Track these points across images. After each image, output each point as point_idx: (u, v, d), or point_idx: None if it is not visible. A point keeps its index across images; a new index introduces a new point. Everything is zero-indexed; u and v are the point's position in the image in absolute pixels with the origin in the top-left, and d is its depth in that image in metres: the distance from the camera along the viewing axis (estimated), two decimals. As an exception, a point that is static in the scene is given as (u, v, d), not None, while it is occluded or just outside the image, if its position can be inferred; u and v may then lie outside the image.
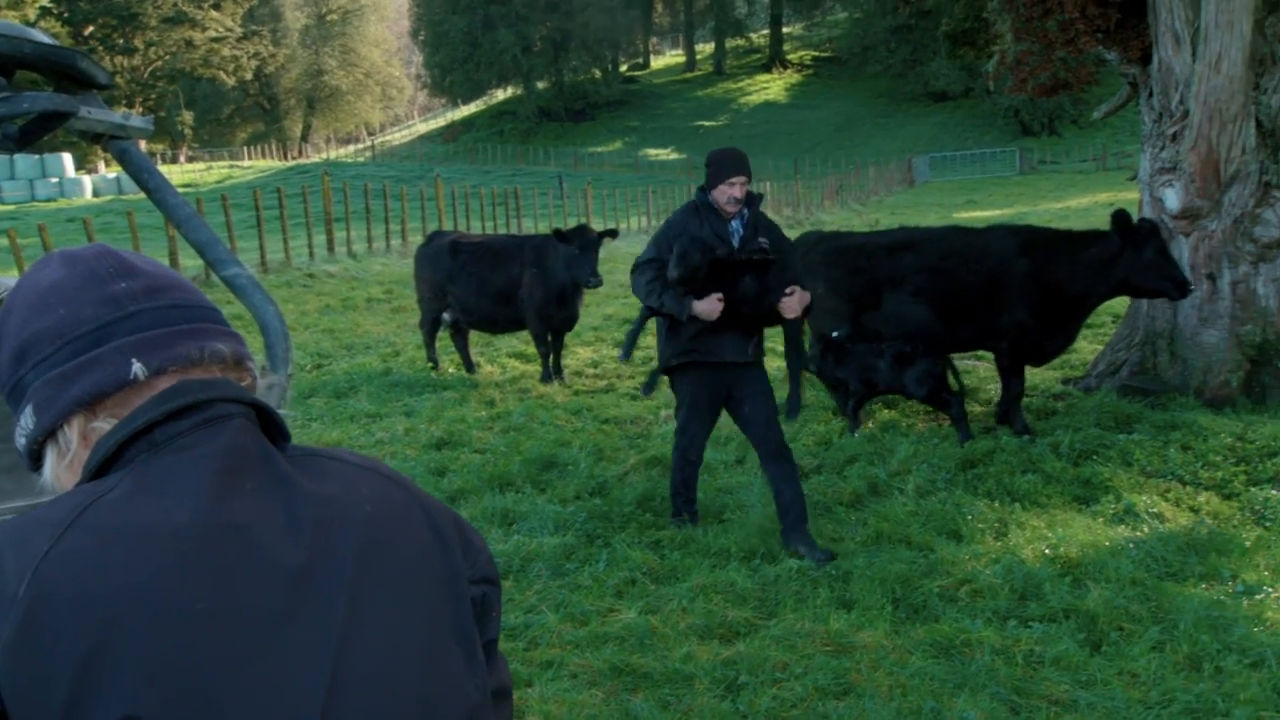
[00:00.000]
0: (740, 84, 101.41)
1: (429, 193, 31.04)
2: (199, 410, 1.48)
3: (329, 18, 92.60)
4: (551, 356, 12.83)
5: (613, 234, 12.79)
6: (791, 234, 9.24)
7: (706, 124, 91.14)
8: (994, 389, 11.18)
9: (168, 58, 77.63)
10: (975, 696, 4.97)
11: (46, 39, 2.95)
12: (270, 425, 1.58)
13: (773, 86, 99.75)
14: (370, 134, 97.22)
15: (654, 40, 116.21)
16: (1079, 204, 42.24)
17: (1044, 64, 11.24)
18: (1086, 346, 13.16)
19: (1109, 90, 12.53)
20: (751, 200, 7.12)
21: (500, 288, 12.68)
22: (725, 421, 7.68)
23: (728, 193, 6.90)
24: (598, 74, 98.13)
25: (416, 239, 28.11)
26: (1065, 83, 11.49)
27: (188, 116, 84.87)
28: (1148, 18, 10.33)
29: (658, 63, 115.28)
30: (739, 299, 6.76)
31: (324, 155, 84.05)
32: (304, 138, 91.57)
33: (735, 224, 7.07)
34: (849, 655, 5.54)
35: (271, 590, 1.39)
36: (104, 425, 1.49)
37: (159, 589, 1.33)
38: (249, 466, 1.47)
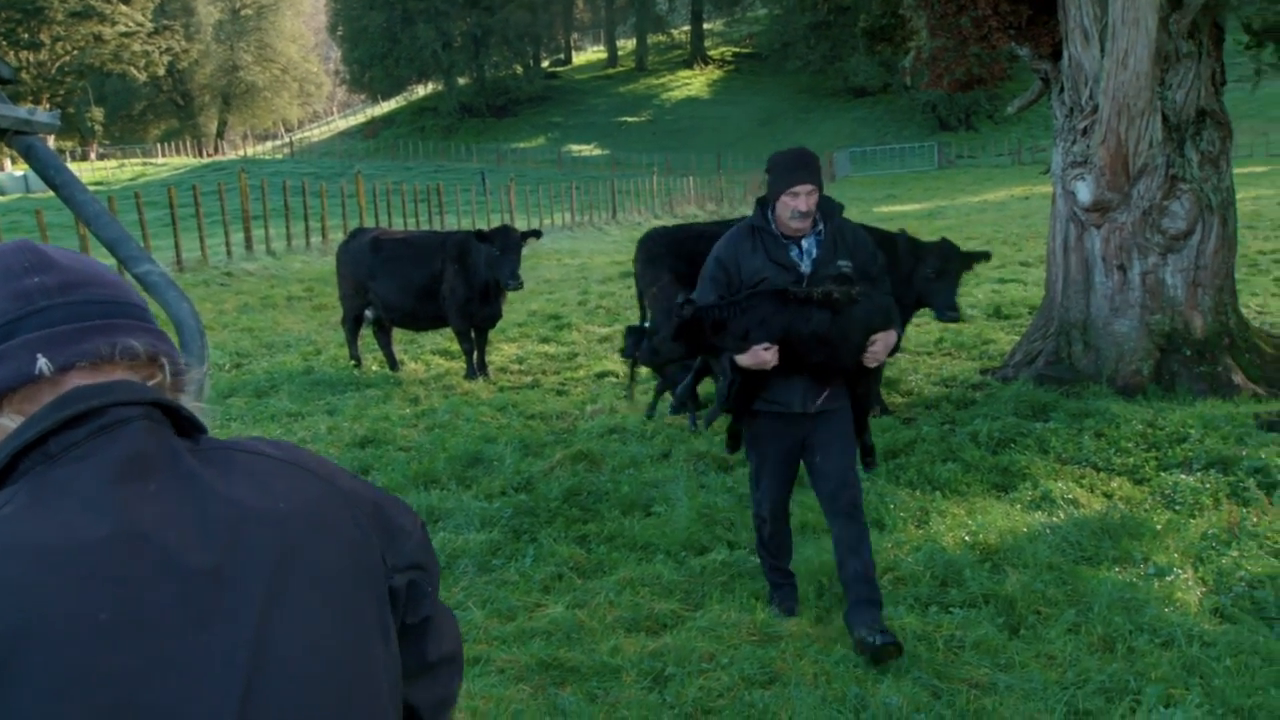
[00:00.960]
0: (662, 80, 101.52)
1: (350, 190, 30.70)
2: (95, 417, 1.43)
3: (243, 12, 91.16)
4: (476, 353, 12.78)
5: (536, 234, 12.76)
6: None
7: (630, 120, 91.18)
8: (914, 379, 11.34)
9: (76, 52, 75.94)
10: (898, 682, 5.04)
11: None
12: (181, 421, 1.54)
13: (695, 82, 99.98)
14: (288, 131, 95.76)
15: (575, 36, 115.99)
16: (995, 198, 42.89)
17: (959, 60, 11.41)
18: (1004, 337, 13.36)
19: (1022, 86, 12.73)
20: (828, 211, 5.63)
21: (422, 284, 12.60)
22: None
23: (790, 205, 5.42)
24: (519, 70, 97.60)
25: (337, 236, 27.81)
26: (980, 78, 11.67)
27: (98, 113, 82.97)
28: (1058, 14, 10.52)
29: (580, 59, 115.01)
30: (805, 344, 5.36)
31: (240, 152, 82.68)
32: (220, 135, 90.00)
33: (809, 243, 5.56)
34: (774, 645, 5.59)
35: (180, 596, 1.35)
36: (9, 422, 1.45)
37: (61, 604, 1.29)
38: (151, 470, 1.43)
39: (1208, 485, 7.52)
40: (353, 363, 13.44)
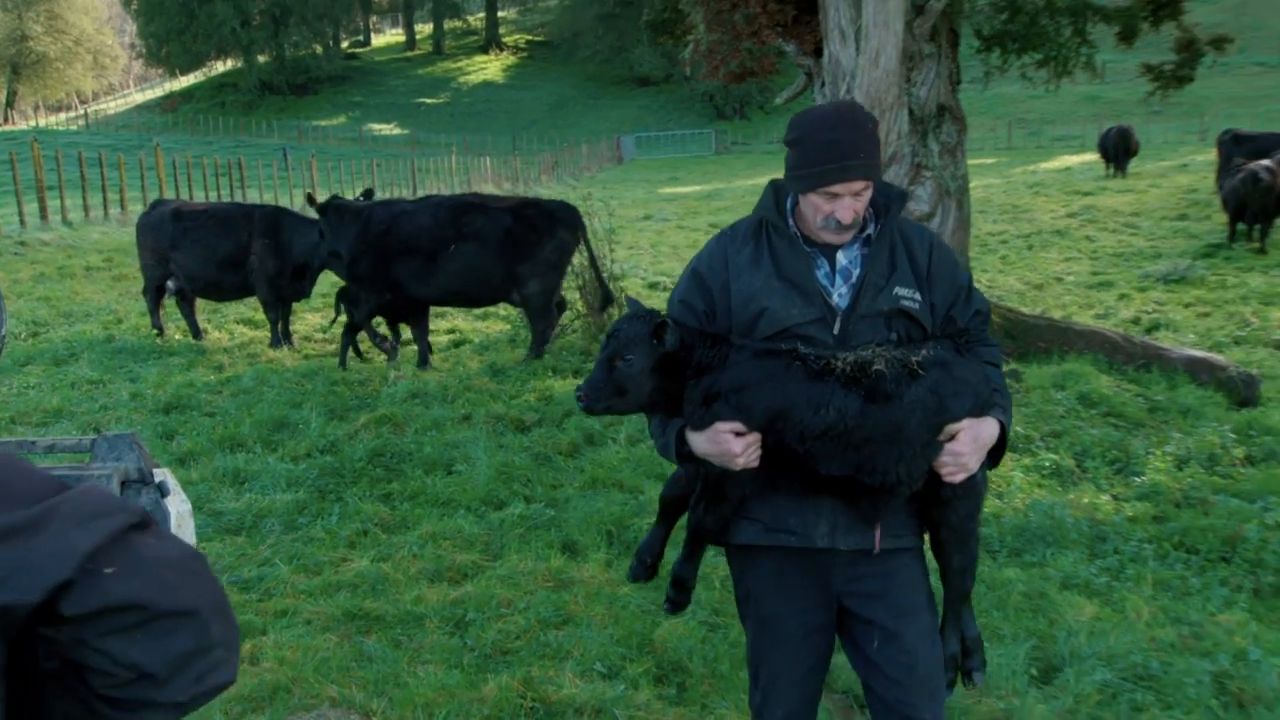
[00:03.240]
0: (460, 64, 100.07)
1: (149, 162, 29.29)
2: None
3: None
4: (280, 323, 12.50)
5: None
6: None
7: (428, 101, 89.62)
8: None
9: None
10: (680, 621, 5.20)
11: None
12: None
13: (490, 67, 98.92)
14: (83, 103, 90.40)
15: (374, 19, 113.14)
16: (768, 180, 43.86)
17: (733, 53, 11.66)
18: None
19: (789, 79, 13.09)
20: (885, 202, 3.16)
21: (226, 255, 12.23)
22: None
23: (823, 210, 3.01)
24: (319, 49, 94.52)
25: (137, 208, 26.43)
26: (751, 71, 11.94)
27: None
28: (819, 15, 10.86)
29: (379, 41, 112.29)
30: (818, 445, 2.92)
31: (32, 123, 77.53)
32: (9, 104, 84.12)
33: (849, 255, 3.12)
34: (568, 590, 5.71)
35: None
36: None
37: None
38: None
39: (947, 437, 7.95)
40: (155, 331, 12.95)
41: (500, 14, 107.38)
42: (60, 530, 1.30)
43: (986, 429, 2.96)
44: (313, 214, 12.05)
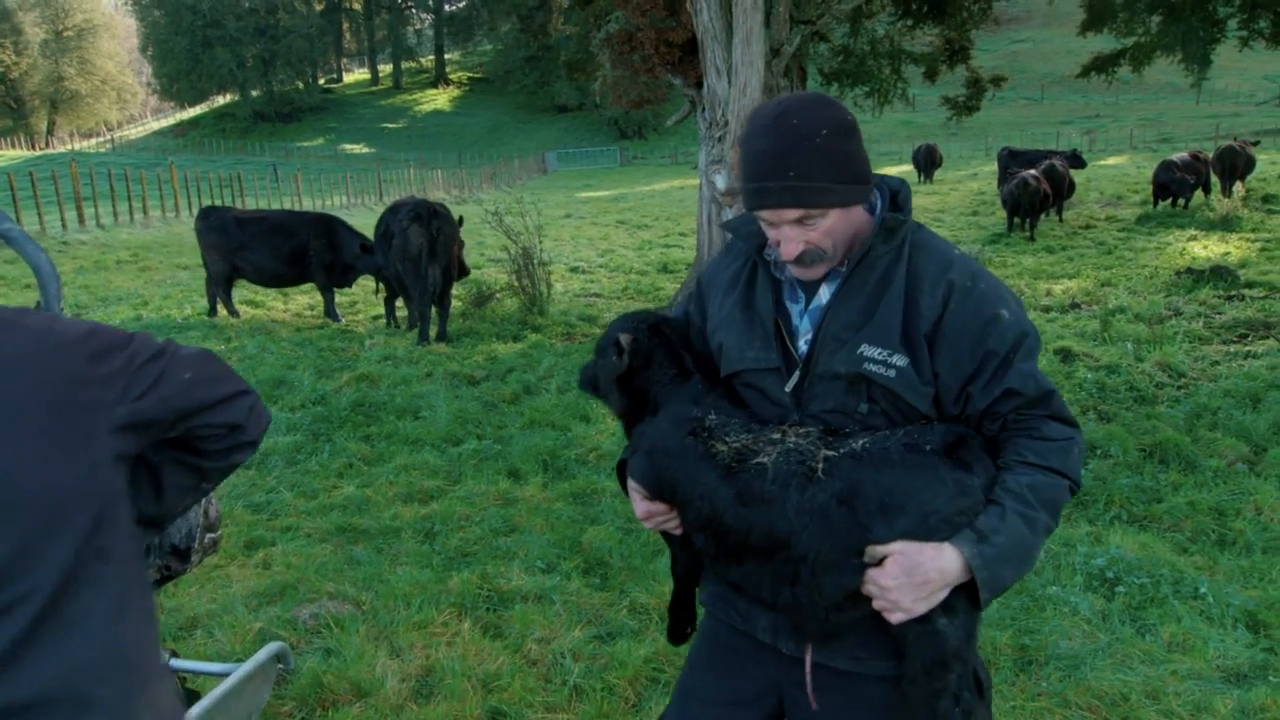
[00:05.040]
0: (415, 96, 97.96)
1: (165, 177, 28.26)
2: None
3: (65, 34, 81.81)
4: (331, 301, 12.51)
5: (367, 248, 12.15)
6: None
7: (390, 125, 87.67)
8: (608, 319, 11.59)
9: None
10: (602, 527, 5.25)
11: None
12: None
13: (439, 98, 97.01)
14: (109, 130, 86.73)
15: (345, 60, 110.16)
16: (662, 187, 43.86)
17: (632, 86, 11.64)
18: (670, 286, 13.82)
19: (676, 106, 13.09)
20: (891, 225, 1.78)
21: (290, 252, 12.15)
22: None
23: (771, 239, 1.82)
24: (301, 85, 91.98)
25: (157, 213, 25.68)
26: (647, 99, 11.95)
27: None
28: (699, 56, 10.88)
29: (349, 78, 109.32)
30: (707, 534, 1.83)
31: (69, 147, 74.25)
32: (49, 132, 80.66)
33: (829, 290, 1.85)
34: (514, 506, 5.71)
35: None
36: None
37: None
38: None
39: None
40: (230, 315, 12.53)
41: (447, 55, 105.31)
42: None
43: (929, 561, 1.63)
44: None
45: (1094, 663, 3.68)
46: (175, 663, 2.37)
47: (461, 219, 11.19)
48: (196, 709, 2.02)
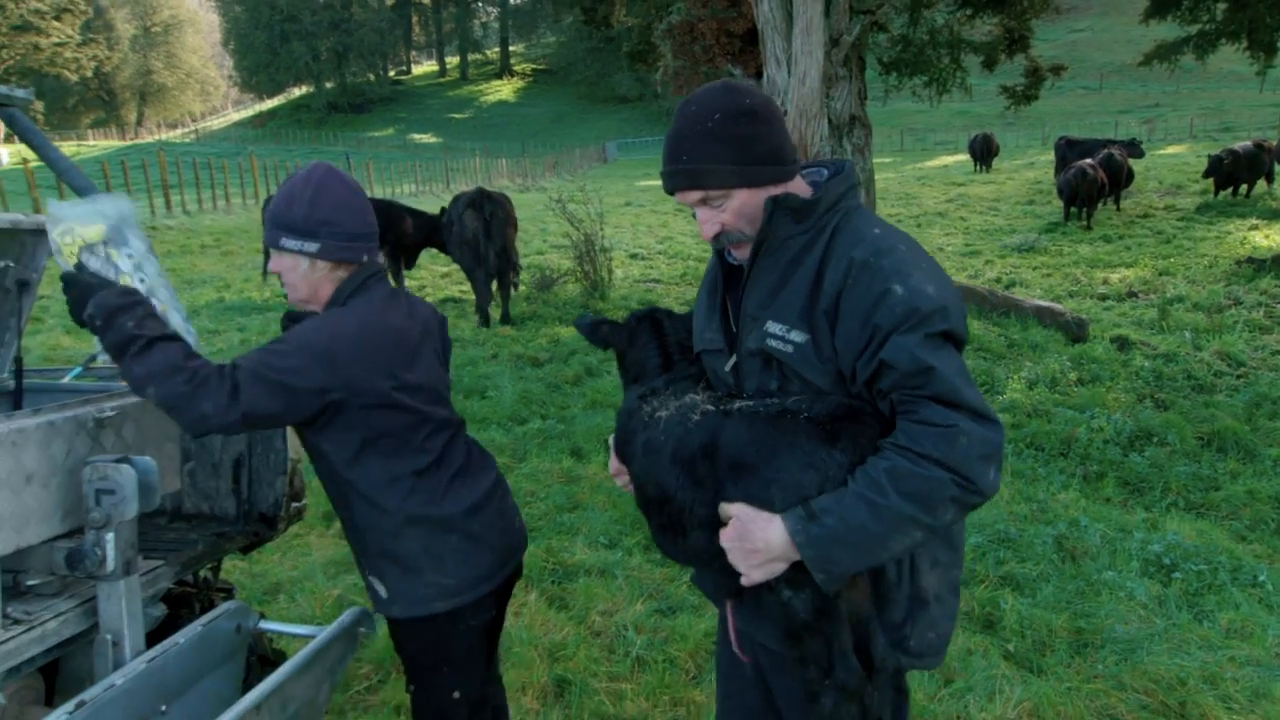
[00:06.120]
0: (480, 87, 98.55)
1: (245, 165, 28.85)
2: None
3: (153, 29, 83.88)
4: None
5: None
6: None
7: (457, 116, 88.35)
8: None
9: (19, 58, 68.38)
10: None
11: None
12: None
13: (504, 89, 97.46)
14: (193, 120, 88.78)
15: (414, 53, 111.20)
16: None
17: (693, 76, 11.56)
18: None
19: (736, 96, 12.95)
20: (772, 209, 1.73)
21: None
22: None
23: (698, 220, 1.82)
24: (372, 77, 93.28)
25: (238, 200, 26.22)
26: (707, 90, 11.85)
27: (39, 105, 75.09)
28: (760, 46, 10.77)
29: (418, 70, 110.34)
30: (642, 474, 1.84)
31: (156, 137, 76.20)
32: (138, 123, 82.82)
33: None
34: (577, 483, 5.75)
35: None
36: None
37: None
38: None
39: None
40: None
41: (511, 48, 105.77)
42: None
43: (759, 530, 1.57)
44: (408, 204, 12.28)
45: (1150, 647, 3.61)
46: (264, 624, 2.44)
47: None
48: (286, 667, 2.09)
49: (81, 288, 2.01)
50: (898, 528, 1.53)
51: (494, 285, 10.80)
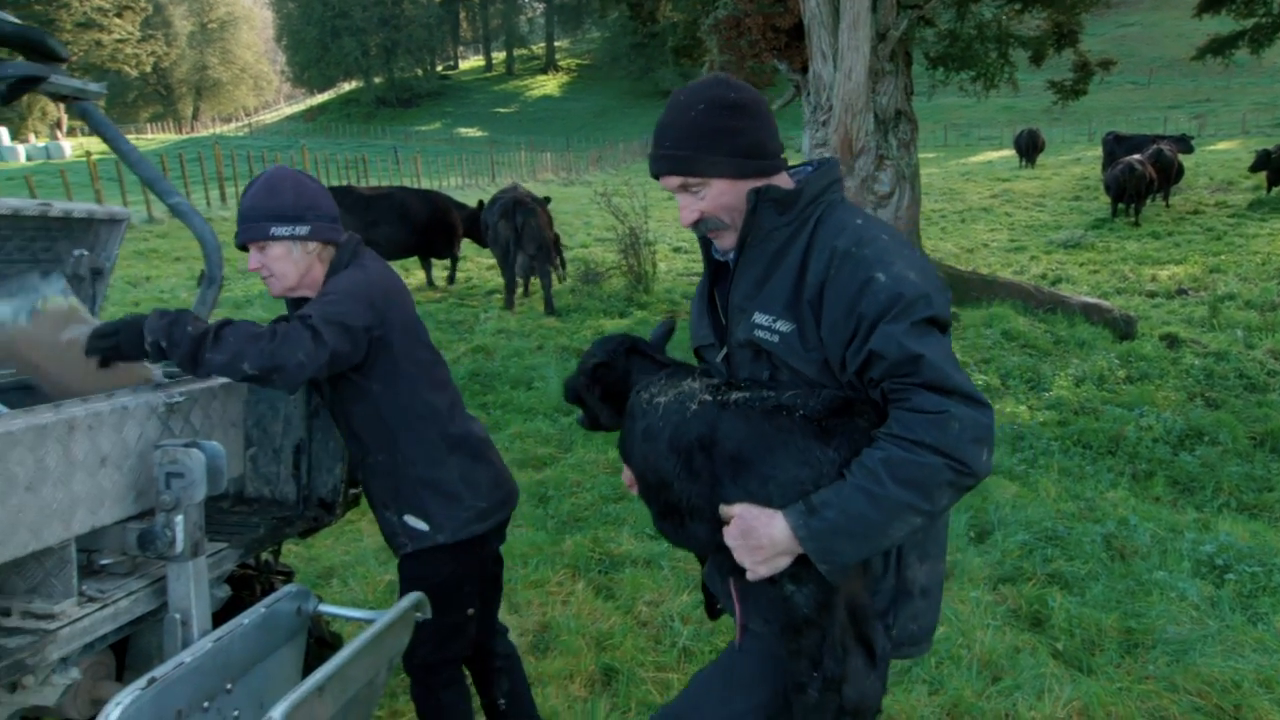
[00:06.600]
0: (526, 82, 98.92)
1: (297, 158, 29.28)
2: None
3: (210, 26, 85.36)
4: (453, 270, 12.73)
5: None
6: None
7: (503, 110, 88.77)
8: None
9: (82, 54, 69.98)
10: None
11: (18, 21, 2.72)
12: None
13: (549, 84, 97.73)
14: (247, 115, 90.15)
15: (461, 48, 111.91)
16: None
17: (739, 70, 11.49)
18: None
19: (781, 90, 12.89)
20: (755, 201, 1.75)
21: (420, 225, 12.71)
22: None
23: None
24: (420, 72, 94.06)
25: (290, 193, 26.53)
26: (754, 84, 11.75)
27: (99, 100, 76.74)
28: (806, 41, 10.68)
29: (465, 65, 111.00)
30: (641, 461, 1.82)
31: (211, 131, 77.51)
32: (194, 117, 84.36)
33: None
34: (622, 474, 5.74)
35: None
36: None
37: None
38: None
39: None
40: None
41: (556, 43, 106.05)
42: None
43: (762, 527, 1.58)
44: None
45: (1203, 649, 3.54)
46: (323, 607, 2.47)
47: (548, 198, 11.73)
48: (347, 649, 2.11)
49: (122, 330, 2.11)
50: (897, 515, 1.54)
51: (532, 278, 11.54)
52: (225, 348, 2.06)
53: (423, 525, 2.49)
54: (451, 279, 13.34)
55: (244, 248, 2.49)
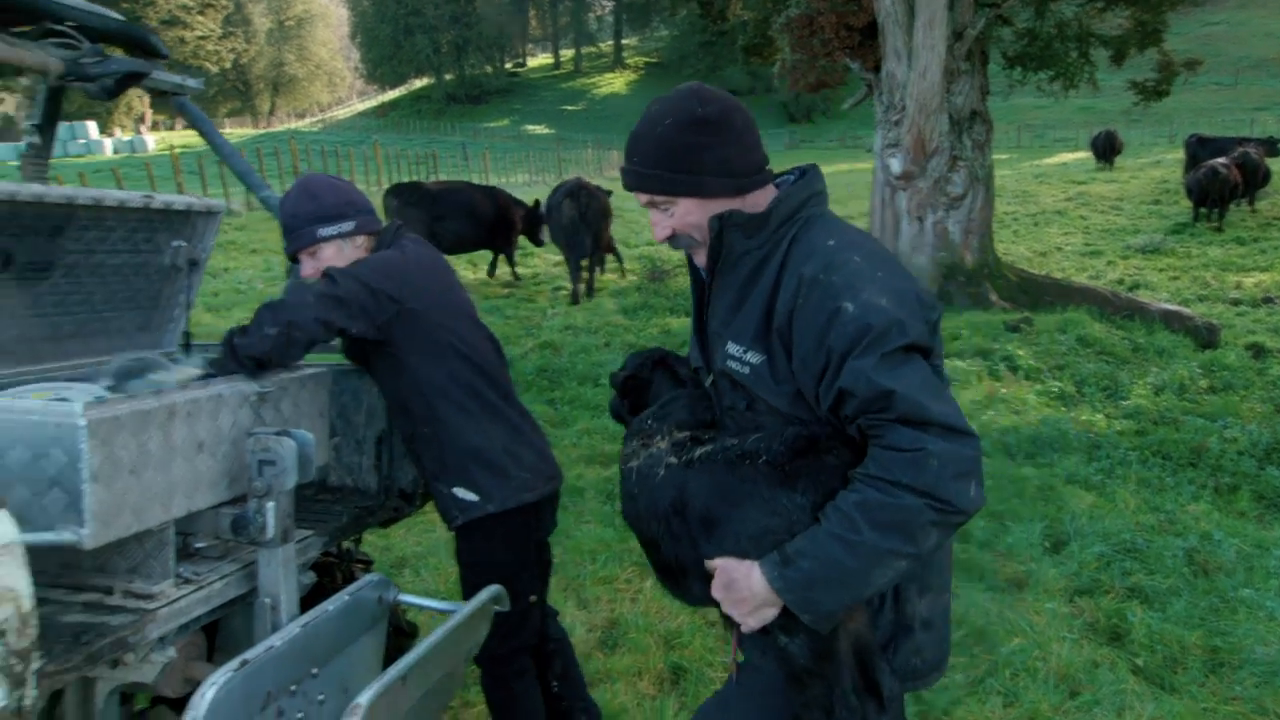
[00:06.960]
0: (593, 80, 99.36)
1: (370, 153, 29.85)
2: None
3: (287, 23, 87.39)
4: (513, 263, 12.82)
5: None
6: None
7: (570, 108, 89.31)
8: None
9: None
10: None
11: (121, 18, 2.81)
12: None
13: (616, 82, 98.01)
14: (321, 110, 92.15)
15: (530, 46, 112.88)
16: (830, 170, 42.89)
17: (811, 69, 11.39)
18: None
19: (853, 90, 12.72)
20: (743, 222, 1.66)
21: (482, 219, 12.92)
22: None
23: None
24: (490, 70, 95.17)
25: (362, 185, 27.10)
26: (825, 82, 11.67)
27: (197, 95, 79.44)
28: (879, 39, 10.54)
29: (534, 62, 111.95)
30: (631, 517, 1.78)
31: (286, 126, 79.52)
32: (271, 112, 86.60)
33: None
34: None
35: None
36: None
37: None
38: None
39: (974, 368, 7.79)
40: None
41: (624, 41, 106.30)
42: None
43: (742, 579, 1.54)
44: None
45: (1293, 672, 3.40)
46: (403, 596, 2.51)
47: (610, 192, 11.81)
48: (431, 639, 2.14)
49: (229, 354, 2.26)
50: (877, 561, 1.46)
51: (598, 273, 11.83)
52: (248, 331, 2.24)
53: (472, 496, 2.54)
54: (515, 275, 13.43)
55: (294, 258, 2.56)
